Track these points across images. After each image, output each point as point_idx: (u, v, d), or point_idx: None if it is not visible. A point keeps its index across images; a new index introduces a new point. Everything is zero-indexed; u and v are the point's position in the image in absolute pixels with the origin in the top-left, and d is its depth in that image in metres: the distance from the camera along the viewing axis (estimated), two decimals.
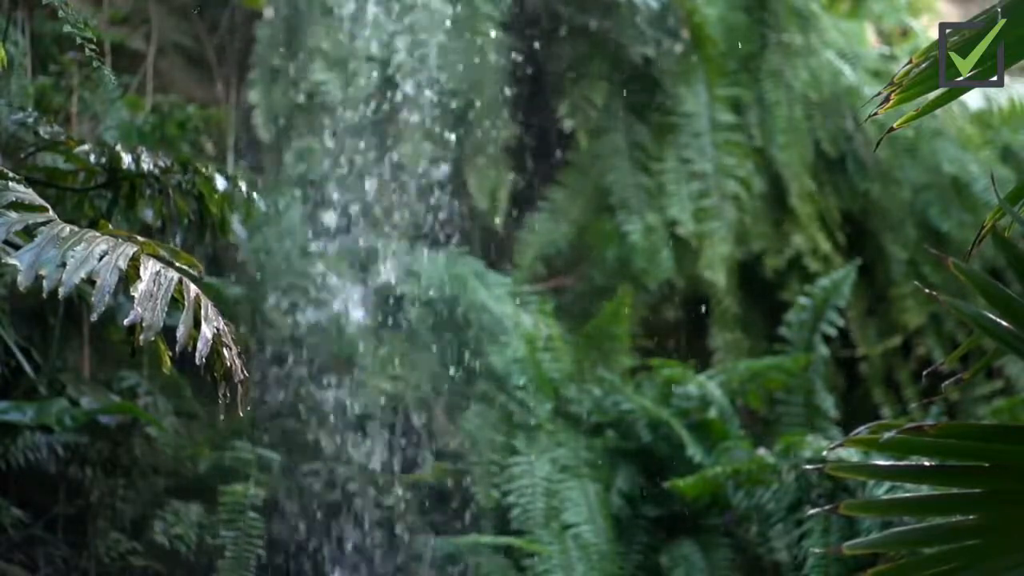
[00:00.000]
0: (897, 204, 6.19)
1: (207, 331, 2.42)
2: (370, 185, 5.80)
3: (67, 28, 2.95)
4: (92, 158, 3.25)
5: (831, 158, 6.24)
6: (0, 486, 4.59)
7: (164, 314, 2.36)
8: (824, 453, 4.56)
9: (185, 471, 5.05)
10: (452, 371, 5.47)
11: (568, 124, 6.07)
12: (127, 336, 2.37)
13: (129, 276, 2.39)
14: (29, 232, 2.41)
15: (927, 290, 2.07)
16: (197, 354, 2.38)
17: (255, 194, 3.41)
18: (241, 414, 2.67)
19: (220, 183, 3.23)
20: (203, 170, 3.26)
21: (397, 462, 5.40)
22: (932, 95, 2.13)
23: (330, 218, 5.73)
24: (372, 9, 5.92)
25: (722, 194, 6.05)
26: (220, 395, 2.52)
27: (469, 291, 5.46)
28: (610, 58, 6.12)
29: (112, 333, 5.00)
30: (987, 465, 1.97)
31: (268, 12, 5.91)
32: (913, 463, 2.02)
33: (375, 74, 5.85)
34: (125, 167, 3.17)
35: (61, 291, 2.28)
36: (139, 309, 2.32)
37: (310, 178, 5.71)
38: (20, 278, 2.29)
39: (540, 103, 6.15)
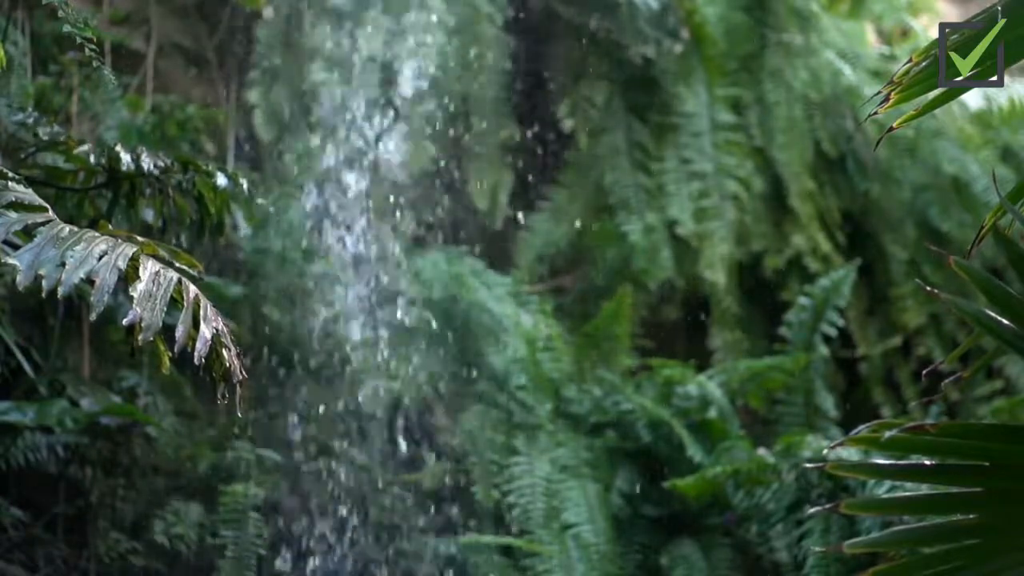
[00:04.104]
0: (897, 204, 6.19)
1: (206, 331, 2.41)
2: (370, 185, 5.80)
3: (67, 28, 2.95)
4: (92, 158, 3.24)
5: (831, 158, 6.24)
6: (0, 486, 4.59)
7: (163, 314, 2.36)
8: (824, 452, 4.56)
9: (185, 471, 5.04)
10: (452, 371, 5.47)
11: (568, 124, 6.07)
12: (127, 336, 2.37)
13: (128, 276, 2.39)
14: (29, 232, 2.41)
15: (928, 288, 2.07)
16: (196, 354, 2.38)
17: (256, 197, 3.40)
18: (240, 415, 2.67)
19: (221, 181, 3.23)
20: (203, 168, 3.25)
21: (397, 462, 5.40)
22: (932, 95, 2.13)
23: (330, 218, 5.73)
24: (372, 9, 5.92)
25: (722, 194, 6.05)
26: (218, 395, 2.52)
27: (469, 291, 5.46)
28: (610, 58, 6.12)
29: (112, 333, 5.00)
30: (987, 464, 1.97)
31: (268, 12, 5.91)
32: (913, 462, 2.02)
33: (375, 74, 5.85)
34: (125, 167, 3.16)
35: (60, 291, 2.28)
36: (138, 309, 2.32)
37: (310, 178, 5.70)
38: (19, 278, 2.28)
39: (540, 103, 6.16)
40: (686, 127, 6.11)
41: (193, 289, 2.48)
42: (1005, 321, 1.96)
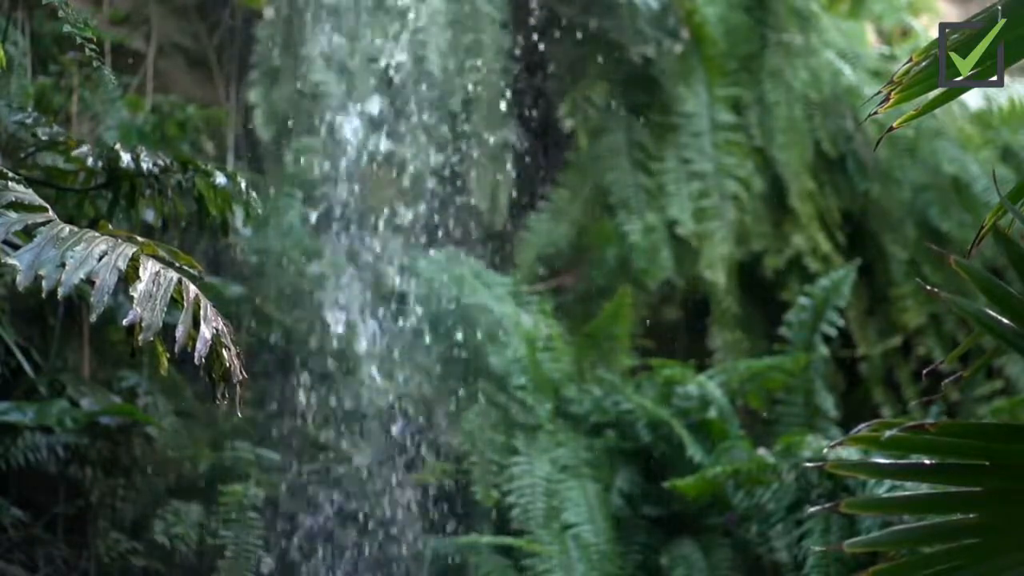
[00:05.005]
0: (897, 204, 6.19)
1: (206, 331, 2.42)
2: (370, 185, 5.80)
3: (67, 28, 2.95)
4: (91, 159, 3.24)
5: (831, 158, 6.24)
6: (0, 486, 4.59)
7: (163, 314, 2.36)
8: (824, 452, 4.56)
9: (185, 471, 5.04)
10: (452, 371, 5.47)
11: (568, 124, 6.07)
12: (127, 336, 2.37)
13: (129, 276, 2.39)
14: (29, 232, 2.41)
15: (928, 288, 2.07)
16: (196, 354, 2.38)
17: (254, 195, 3.39)
18: (239, 415, 2.67)
19: (221, 181, 3.23)
20: (203, 168, 3.25)
21: (397, 462, 5.40)
22: (932, 94, 2.13)
23: (330, 218, 5.73)
24: (372, 9, 5.91)
25: (722, 194, 6.05)
26: (218, 395, 2.52)
27: (469, 291, 5.46)
28: (610, 58, 6.12)
29: (112, 333, 5.00)
30: (987, 464, 1.97)
31: (268, 12, 5.91)
32: (913, 462, 2.02)
33: (375, 74, 5.85)
34: (124, 167, 3.16)
35: (60, 291, 2.28)
36: (138, 309, 2.32)
37: (310, 178, 5.70)
38: (19, 278, 2.28)
39: (540, 103, 6.16)
40: (686, 127, 6.11)
41: (193, 289, 2.48)
42: (1005, 320, 1.96)
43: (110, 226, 2.73)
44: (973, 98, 6.32)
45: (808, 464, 4.57)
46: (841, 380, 6.03)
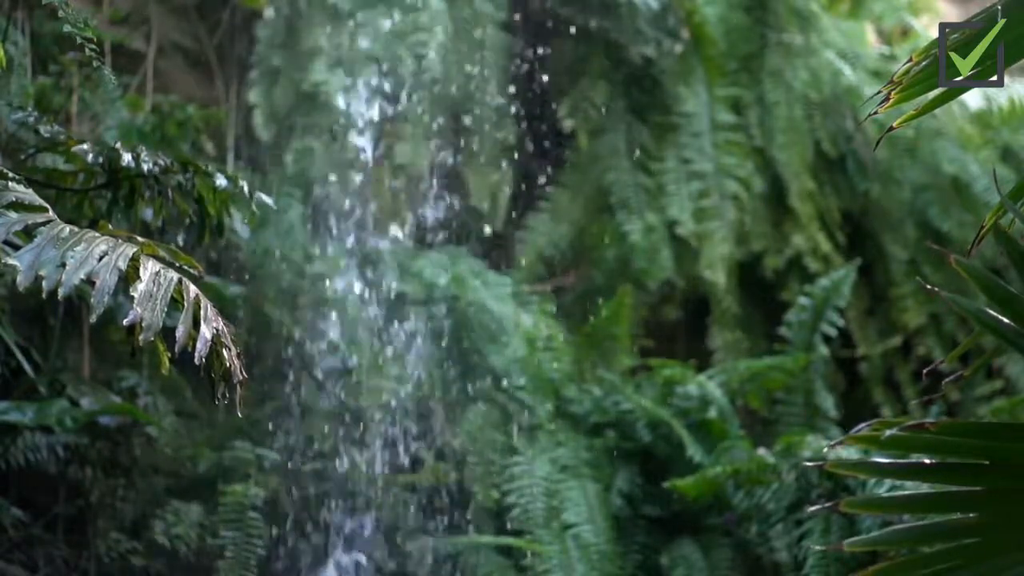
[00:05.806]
0: (897, 204, 6.19)
1: (206, 331, 2.42)
2: (370, 185, 5.80)
3: (67, 28, 2.95)
4: (91, 158, 3.24)
5: (831, 158, 6.24)
6: (0, 486, 4.59)
7: (164, 314, 2.36)
8: (824, 451, 4.56)
9: (185, 471, 5.04)
10: (452, 371, 5.47)
11: (568, 124, 6.07)
12: (127, 336, 2.37)
13: (129, 276, 2.39)
14: (29, 232, 2.41)
15: (928, 287, 2.07)
16: (196, 354, 2.38)
17: (259, 193, 3.39)
18: (240, 415, 2.67)
19: (221, 182, 3.23)
20: (203, 169, 3.25)
21: (397, 462, 5.40)
22: (932, 95, 2.13)
23: (330, 218, 5.73)
24: (372, 9, 5.91)
25: (722, 194, 6.05)
26: (218, 395, 2.52)
27: (469, 291, 5.46)
28: (610, 58, 6.12)
29: (112, 333, 5.00)
30: (987, 463, 1.96)
31: (268, 12, 5.91)
32: (914, 461, 2.02)
33: (375, 74, 5.85)
34: (124, 167, 3.16)
35: (61, 291, 2.28)
36: (139, 309, 2.32)
37: (310, 178, 5.70)
38: (20, 278, 2.28)
39: (540, 103, 6.16)
40: (686, 127, 6.11)
41: (193, 289, 2.48)
42: (1005, 320, 1.96)
43: (110, 226, 2.73)
44: (973, 98, 6.32)
45: (808, 464, 4.56)
46: (841, 380, 6.03)
